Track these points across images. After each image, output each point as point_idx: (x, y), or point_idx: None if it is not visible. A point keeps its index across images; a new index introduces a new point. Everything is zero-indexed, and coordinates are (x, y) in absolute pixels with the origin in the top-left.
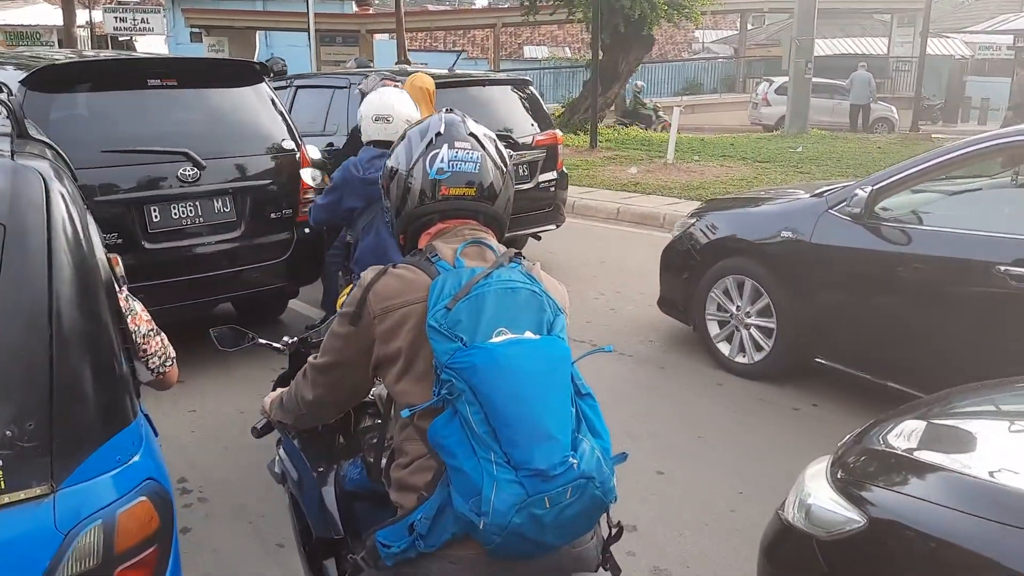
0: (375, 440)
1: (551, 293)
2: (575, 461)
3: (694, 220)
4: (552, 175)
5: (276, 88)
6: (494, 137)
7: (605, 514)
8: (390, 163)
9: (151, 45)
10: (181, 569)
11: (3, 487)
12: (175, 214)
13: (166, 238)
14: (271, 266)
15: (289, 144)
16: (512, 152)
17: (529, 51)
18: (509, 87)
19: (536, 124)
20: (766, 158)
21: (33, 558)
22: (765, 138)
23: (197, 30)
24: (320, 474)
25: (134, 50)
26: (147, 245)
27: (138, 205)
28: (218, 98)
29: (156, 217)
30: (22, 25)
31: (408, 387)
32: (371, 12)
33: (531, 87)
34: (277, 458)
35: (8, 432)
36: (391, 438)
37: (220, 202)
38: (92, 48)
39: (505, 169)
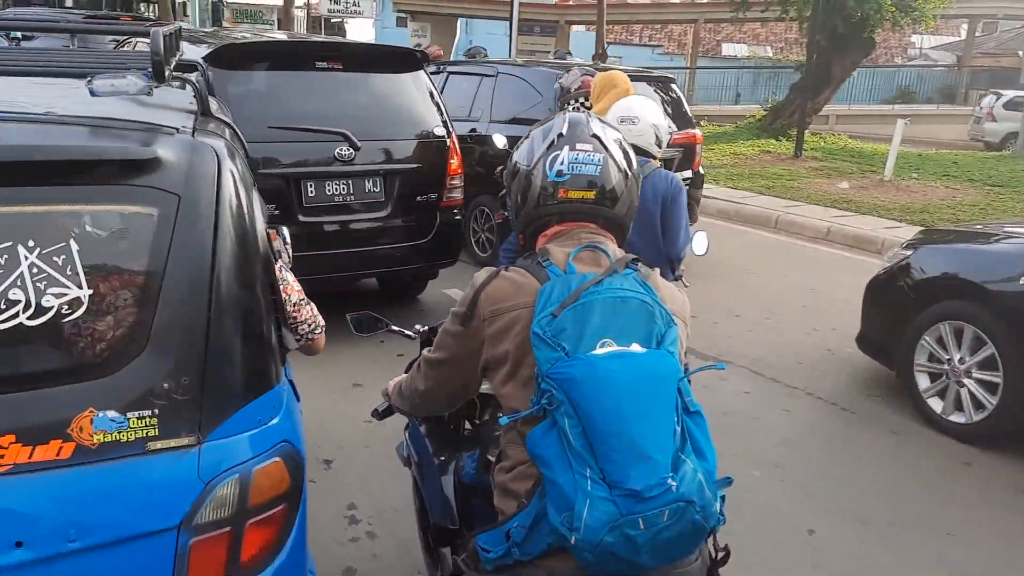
0: (496, 434)
1: (667, 303)
2: (674, 483)
3: (909, 252)
4: (687, 174)
5: (431, 73)
6: (620, 139)
7: (712, 536)
8: (514, 159)
9: (360, 28)
10: (307, 532)
11: (157, 434)
12: (329, 191)
13: (319, 212)
14: (414, 247)
15: (441, 131)
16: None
17: (728, 48)
18: (652, 85)
19: (675, 122)
20: (999, 181)
21: (177, 501)
22: (993, 157)
23: (403, 15)
24: (441, 463)
25: (344, 33)
26: (301, 218)
27: (296, 180)
28: (378, 83)
29: (312, 192)
30: (248, 4)
31: (513, 391)
32: (571, 3)
33: (674, 84)
34: (404, 442)
35: (165, 385)
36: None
37: (371, 182)
38: (307, 28)
39: (630, 172)
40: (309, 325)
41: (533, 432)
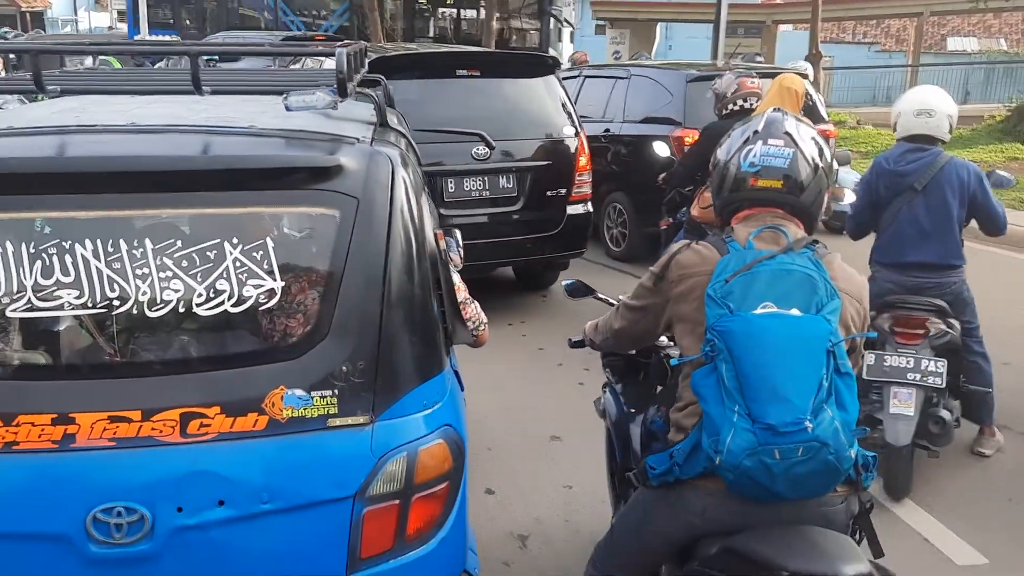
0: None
1: (837, 280)
2: (810, 425)
3: None
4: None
5: (567, 78)
6: (815, 136)
7: (857, 489)
8: (717, 153)
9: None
10: (467, 508)
11: (336, 412)
12: (466, 187)
13: (458, 206)
14: (544, 238)
15: (570, 131)
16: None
17: (953, 43)
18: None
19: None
20: None
21: (353, 473)
22: None
23: (602, 23)
24: (631, 414)
25: None
26: (442, 211)
27: (438, 177)
28: (513, 87)
29: (451, 188)
30: None
31: (690, 344)
32: (779, 1)
33: (807, 78)
34: (601, 398)
35: (344, 368)
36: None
37: (504, 179)
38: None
39: (820, 166)
40: (474, 322)
41: (696, 373)
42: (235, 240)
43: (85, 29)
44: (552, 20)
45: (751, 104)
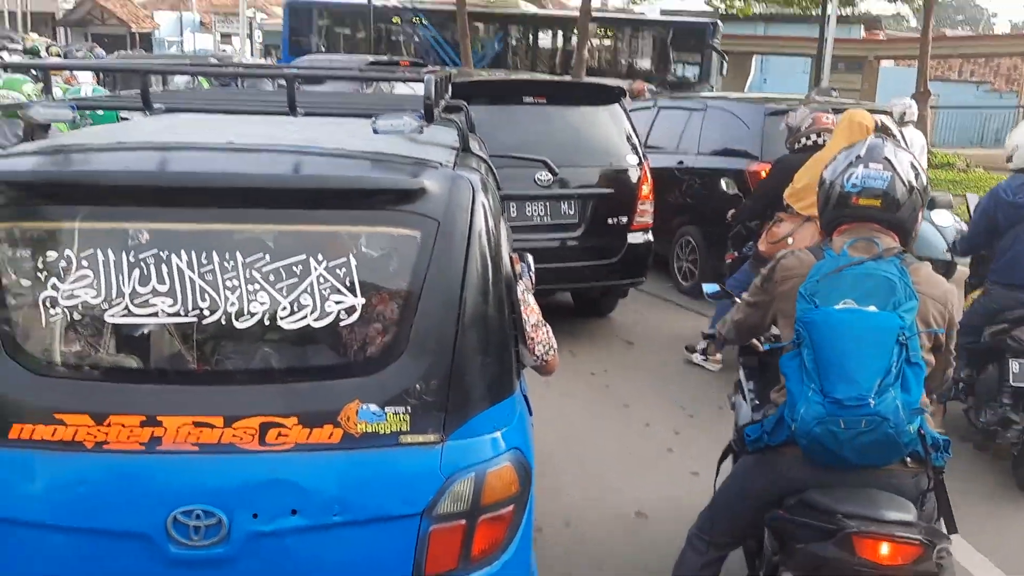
0: None
1: (919, 284)
2: (872, 401)
3: None
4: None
5: (640, 108)
6: (912, 161)
7: (928, 469)
8: (824, 174)
9: None
10: (532, 534)
11: (408, 429)
12: (529, 211)
13: (520, 231)
14: (604, 266)
15: (632, 160)
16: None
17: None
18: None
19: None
20: None
21: (422, 490)
22: None
23: None
24: (756, 405)
25: None
26: None
27: (502, 201)
28: (577, 115)
29: (514, 212)
30: None
31: (788, 335)
32: (881, 38)
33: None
34: (731, 393)
35: (418, 386)
36: None
37: (566, 205)
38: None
39: (915, 188)
40: (543, 346)
41: (784, 356)
42: (320, 256)
43: (190, 50)
44: (713, 53)
45: (824, 140)
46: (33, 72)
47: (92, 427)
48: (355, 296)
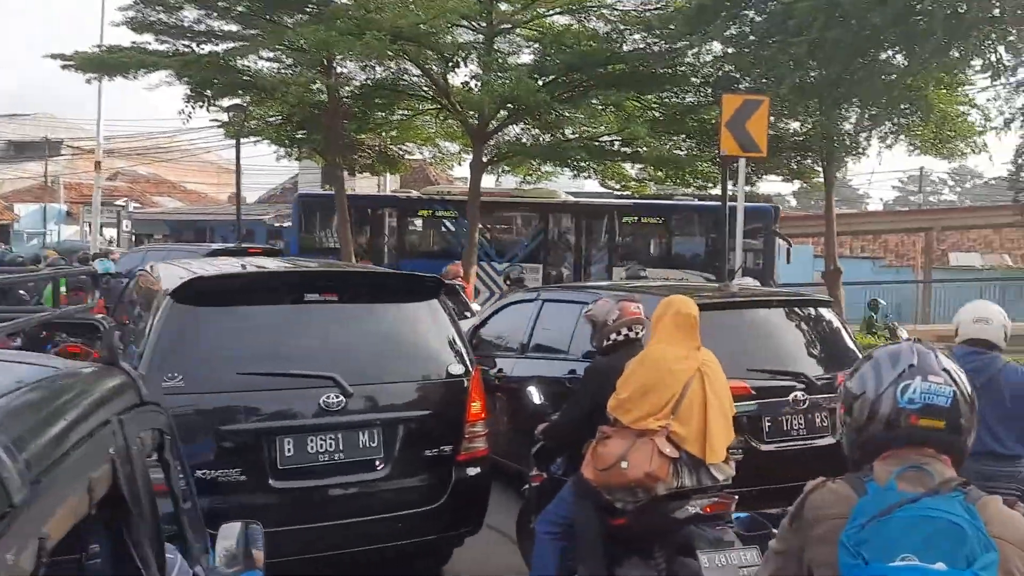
0: None
1: (991, 526)
2: None
3: None
4: None
5: (520, 301)
6: (961, 371)
7: None
8: (853, 385)
9: None
10: None
11: None
12: (312, 447)
13: (298, 475)
14: (421, 515)
15: (457, 368)
16: (806, 396)
17: (955, 258)
18: (801, 309)
19: (837, 358)
20: None
21: None
22: None
23: None
24: None
25: None
26: (274, 483)
27: (270, 436)
28: (381, 315)
29: (289, 451)
30: None
31: None
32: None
33: (830, 309)
34: None
35: None
36: None
37: (366, 435)
38: None
39: (974, 403)
40: None
41: None
42: None
43: (52, 242)
44: (776, 239)
45: (638, 333)
46: None
47: None
48: None
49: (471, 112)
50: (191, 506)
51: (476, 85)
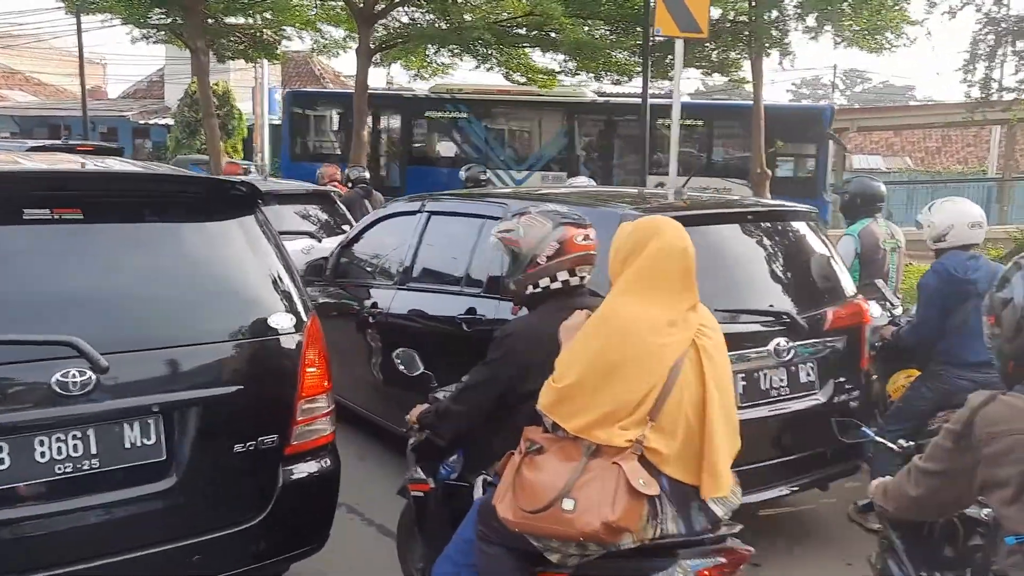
0: (980, 559)
1: None
2: None
3: None
4: (850, 384)
5: (400, 213)
6: None
7: None
8: (1003, 294)
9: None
10: None
11: None
12: (43, 454)
13: (20, 500)
14: (229, 538)
15: (283, 321)
16: (790, 344)
17: (859, 160)
18: (775, 223)
19: (827, 289)
20: None
21: None
22: None
23: None
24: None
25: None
26: None
27: None
28: (158, 241)
29: (2, 462)
30: None
31: (1016, 515)
32: None
33: (814, 223)
34: (874, 553)
35: None
36: (994, 562)
37: (136, 428)
38: None
39: None
40: None
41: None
42: None
43: None
44: (831, 143)
45: (582, 279)
46: None
47: None
48: None
49: None
50: None
51: None
